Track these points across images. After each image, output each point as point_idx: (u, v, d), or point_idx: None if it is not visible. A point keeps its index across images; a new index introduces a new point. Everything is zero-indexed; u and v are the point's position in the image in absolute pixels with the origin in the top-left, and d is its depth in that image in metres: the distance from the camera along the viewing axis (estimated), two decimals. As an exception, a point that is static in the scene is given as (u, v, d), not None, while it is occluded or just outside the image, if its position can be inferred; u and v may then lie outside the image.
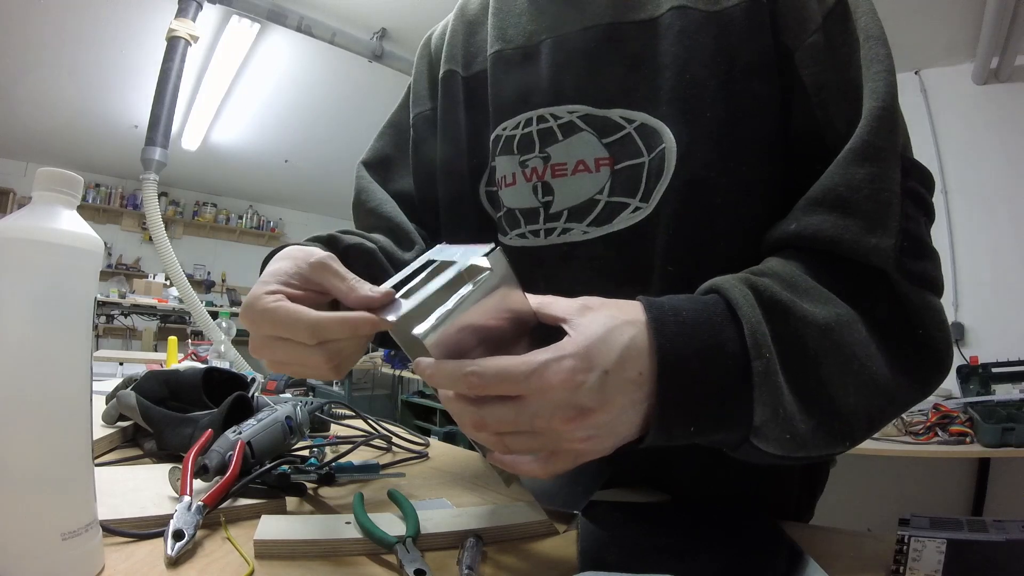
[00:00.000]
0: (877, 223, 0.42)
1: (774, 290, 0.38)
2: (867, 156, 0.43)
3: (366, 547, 0.41)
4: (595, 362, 0.33)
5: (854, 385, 0.39)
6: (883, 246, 0.41)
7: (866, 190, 0.42)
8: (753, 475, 0.57)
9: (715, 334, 0.36)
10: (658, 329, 0.35)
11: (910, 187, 0.44)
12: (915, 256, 0.43)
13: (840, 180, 0.43)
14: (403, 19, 3.12)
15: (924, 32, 2.61)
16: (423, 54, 0.73)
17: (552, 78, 0.56)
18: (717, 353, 0.36)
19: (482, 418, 0.34)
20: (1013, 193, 2.61)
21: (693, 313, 0.37)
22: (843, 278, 0.42)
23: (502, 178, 0.61)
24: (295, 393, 1.35)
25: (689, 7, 0.51)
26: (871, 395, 0.40)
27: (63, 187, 0.33)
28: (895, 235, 0.42)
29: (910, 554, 0.37)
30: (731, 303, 0.38)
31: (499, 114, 0.60)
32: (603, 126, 0.54)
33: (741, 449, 0.38)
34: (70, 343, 0.33)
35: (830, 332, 0.39)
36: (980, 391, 2.22)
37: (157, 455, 0.63)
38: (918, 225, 0.44)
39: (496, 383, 0.32)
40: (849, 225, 0.42)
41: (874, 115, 0.43)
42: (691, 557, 0.42)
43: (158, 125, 2.45)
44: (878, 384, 0.40)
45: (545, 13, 0.58)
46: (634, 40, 0.53)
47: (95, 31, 3.29)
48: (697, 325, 0.36)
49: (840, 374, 0.39)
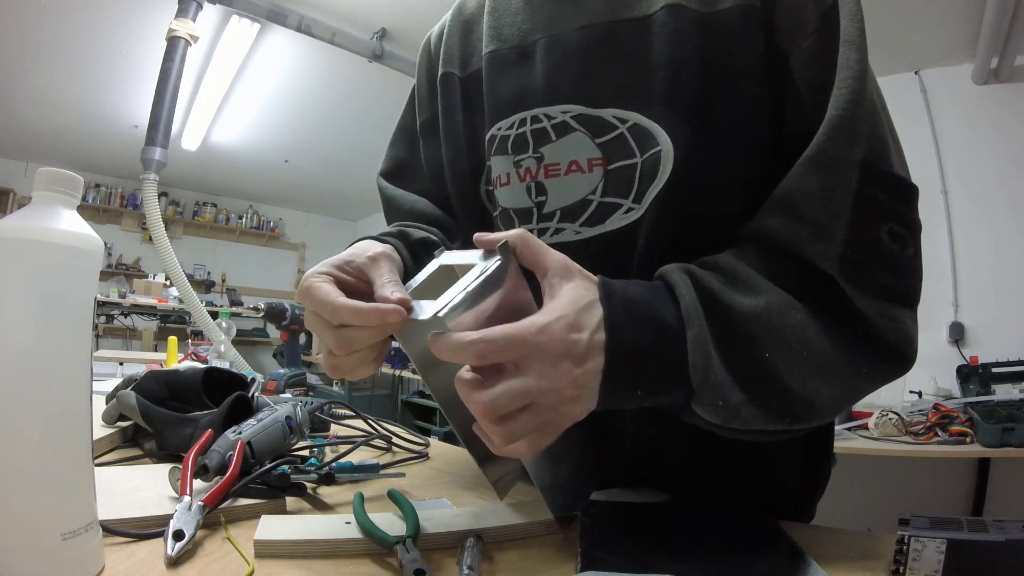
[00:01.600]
0: (824, 231, 0.44)
1: (708, 280, 0.43)
2: (820, 165, 0.45)
3: (366, 547, 0.41)
4: (583, 324, 0.38)
5: (793, 367, 0.42)
6: (828, 253, 0.43)
7: (816, 198, 0.44)
8: (753, 475, 0.57)
9: (655, 309, 0.41)
10: (607, 301, 0.40)
11: (867, 195, 0.44)
12: (864, 265, 0.44)
13: (796, 186, 0.46)
14: (403, 19, 3.12)
15: (924, 32, 2.60)
16: (423, 57, 0.73)
17: (546, 78, 0.56)
18: (656, 324, 0.41)
19: (493, 399, 0.35)
20: (1013, 193, 2.61)
21: (637, 293, 0.42)
22: (794, 277, 0.45)
23: (497, 178, 0.61)
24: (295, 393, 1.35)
25: (683, 6, 0.51)
26: (811, 378, 0.42)
27: (63, 187, 0.33)
28: (840, 243, 0.43)
29: (910, 554, 0.37)
30: (671, 286, 0.43)
31: (494, 114, 0.60)
32: (596, 126, 0.54)
33: (684, 413, 0.43)
34: (70, 343, 0.33)
35: (758, 318, 0.42)
36: (980, 391, 2.22)
37: (157, 455, 0.63)
38: (871, 234, 0.44)
39: (502, 345, 0.35)
40: (800, 230, 0.44)
41: (831, 124, 0.45)
42: (691, 557, 0.42)
43: (158, 125, 2.45)
44: (819, 369, 0.43)
45: (540, 12, 0.59)
46: (628, 39, 0.53)
47: (95, 31, 3.29)
48: (640, 301, 0.41)
49: (777, 356, 0.42)
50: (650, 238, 0.52)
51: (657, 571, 0.34)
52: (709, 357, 0.40)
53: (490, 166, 0.62)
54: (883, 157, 0.46)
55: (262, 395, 0.88)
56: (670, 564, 0.38)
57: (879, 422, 1.97)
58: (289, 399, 0.83)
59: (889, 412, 1.97)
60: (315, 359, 5.52)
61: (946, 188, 2.73)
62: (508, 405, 0.35)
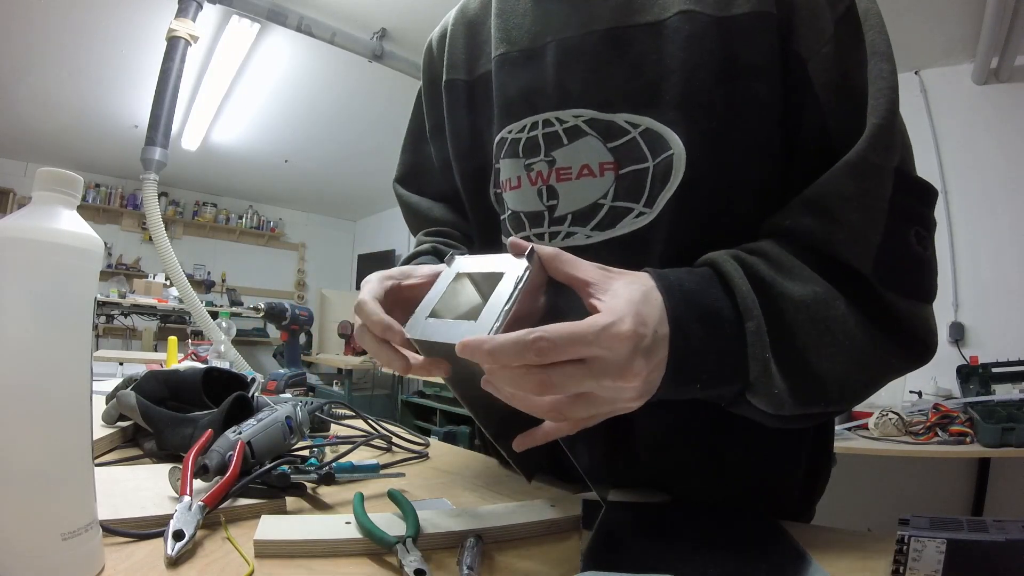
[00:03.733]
0: (860, 235, 0.45)
1: (759, 267, 0.44)
2: (861, 171, 0.45)
3: (366, 547, 0.41)
4: (647, 321, 0.38)
5: (835, 356, 0.44)
6: (864, 255, 0.45)
7: (855, 203, 0.45)
8: (754, 476, 0.57)
9: (713, 301, 0.42)
10: (668, 294, 0.40)
11: (899, 201, 0.46)
12: (896, 268, 0.46)
13: (834, 189, 0.46)
14: (403, 19, 3.12)
15: (924, 32, 2.60)
16: (426, 61, 0.73)
17: (557, 81, 0.56)
18: (716, 317, 0.42)
19: (550, 377, 0.34)
20: (1013, 193, 2.61)
21: (692, 283, 0.43)
22: (830, 274, 0.46)
23: (506, 181, 0.61)
24: (295, 393, 1.35)
25: (697, 12, 0.51)
26: (848, 365, 0.44)
27: (63, 187, 0.33)
28: (875, 247, 0.45)
29: (910, 554, 0.37)
30: (724, 276, 0.44)
31: (504, 117, 0.60)
32: (608, 130, 0.54)
33: (735, 404, 0.45)
34: (70, 343, 0.33)
35: (806, 308, 0.43)
36: (980, 391, 2.22)
37: (157, 455, 0.63)
38: (902, 238, 0.46)
39: (566, 345, 0.34)
40: (836, 232, 0.46)
41: (872, 132, 0.45)
42: (694, 557, 0.42)
43: (158, 125, 2.45)
44: (856, 358, 0.44)
45: (550, 15, 0.58)
46: (640, 43, 0.53)
47: (95, 31, 3.29)
48: (697, 293, 0.42)
49: (814, 344, 0.43)
50: (665, 242, 0.52)
51: (659, 571, 0.34)
52: (767, 348, 0.42)
53: (499, 169, 0.62)
54: (911, 164, 0.48)
55: (262, 395, 0.88)
56: (672, 564, 0.38)
57: (879, 422, 1.97)
58: (289, 399, 0.83)
59: (889, 412, 1.97)
60: (315, 359, 5.52)
61: (946, 188, 2.73)
62: (565, 386, 0.35)
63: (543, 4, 0.59)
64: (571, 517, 0.50)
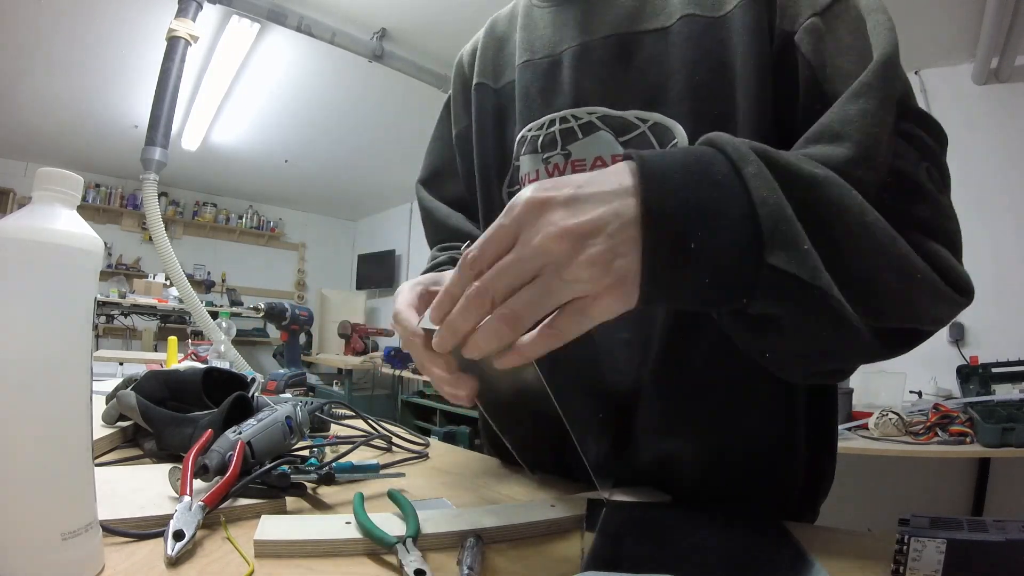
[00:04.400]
0: (863, 156, 0.41)
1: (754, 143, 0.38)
2: (860, 93, 0.43)
3: (366, 547, 0.41)
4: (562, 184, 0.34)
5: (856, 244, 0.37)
6: (868, 179, 0.40)
7: (856, 123, 0.42)
8: (757, 475, 0.58)
9: (699, 156, 0.37)
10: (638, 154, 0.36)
11: (905, 128, 0.44)
12: (903, 196, 0.42)
13: (835, 117, 0.43)
14: (403, 19, 3.12)
15: (924, 32, 2.60)
16: (457, 73, 0.79)
17: (574, 82, 0.61)
18: (704, 167, 0.35)
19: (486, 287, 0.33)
20: (1013, 193, 2.61)
21: (676, 150, 0.40)
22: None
23: (525, 175, 0.65)
24: (295, 393, 1.35)
25: (697, 15, 0.55)
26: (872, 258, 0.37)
27: (63, 187, 0.33)
28: (881, 171, 0.41)
29: (910, 554, 0.37)
30: (711, 141, 0.38)
31: (525, 117, 0.65)
32: (620, 125, 0.58)
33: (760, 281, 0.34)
34: (70, 343, 0.33)
35: (818, 185, 0.37)
36: (980, 391, 2.22)
37: (157, 455, 0.63)
38: (910, 165, 0.43)
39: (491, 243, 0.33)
40: (838, 154, 0.41)
41: (876, 62, 0.44)
42: (696, 557, 0.42)
43: (158, 125, 2.45)
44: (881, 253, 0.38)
45: (568, 26, 0.63)
46: (648, 48, 0.58)
47: (95, 31, 3.29)
48: (678, 153, 0.37)
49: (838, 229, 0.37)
50: None
51: (662, 571, 0.34)
52: (777, 192, 0.35)
53: (518, 166, 0.66)
54: (913, 98, 0.46)
55: (262, 395, 0.88)
56: (674, 564, 0.38)
57: (879, 422, 1.97)
58: (289, 399, 0.83)
59: (889, 412, 1.97)
60: (315, 359, 5.52)
61: (946, 188, 2.73)
62: (503, 284, 0.33)
63: (562, 16, 0.64)
64: (571, 517, 0.50)
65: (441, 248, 0.77)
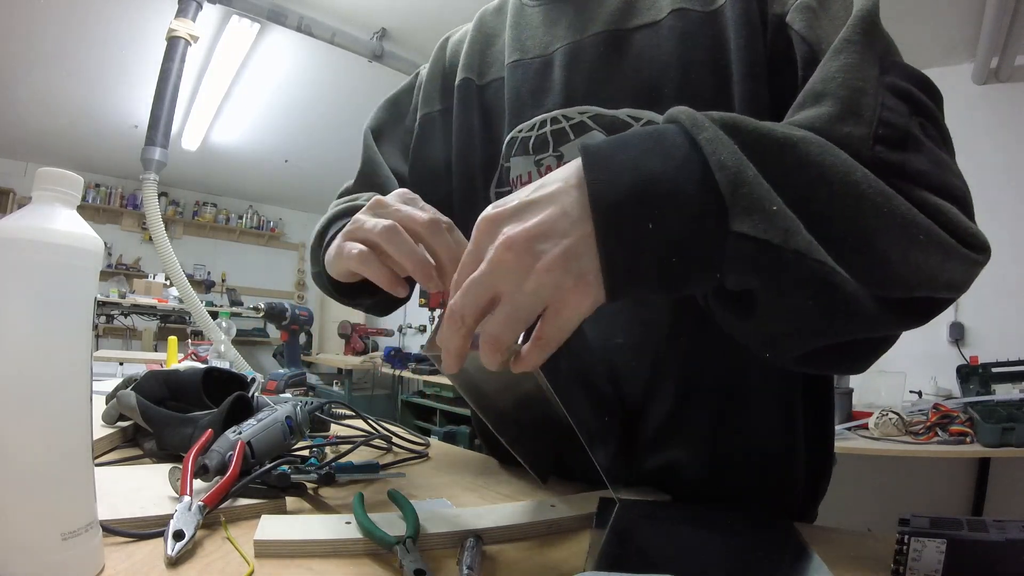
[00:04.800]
0: (848, 110, 0.38)
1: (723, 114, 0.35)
2: (840, 50, 0.42)
3: (366, 547, 0.41)
4: (514, 196, 0.34)
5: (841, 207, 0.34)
6: (856, 134, 0.37)
7: (839, 78, 0.40)
8: (756, 477, 0.58)
9: (651, 132, 0.35)
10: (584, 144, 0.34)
11: (890, 82, 0.41)
12: (898, 146, 0.38)
13: (817, 78, 0.42)
14: (403, 19, 3.12)
15: (924, 32, 2.61)
16: (438, 56, 0.76)
17: (564, 82, 0.60)
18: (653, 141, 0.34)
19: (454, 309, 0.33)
20: (1013, 193, 2.61)
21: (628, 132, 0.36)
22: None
23: (517, 177, 0.64)
24: (295, 393, 1.35)
25: (688, 8, 0.54)
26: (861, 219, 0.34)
27: (63, 187, 0.33)
28: (870, 124, 0.38)
29: (910, 554, 0.37)
30: (670, 117, 0.36)
31: (515, 117, 0.64)
32: (611, 124, 0.57)
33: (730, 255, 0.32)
34: (70, 343, 0.33)
35: (793, 147, 0.34)
36: (980, 391, 2.22)
37: (157, 455, 0.63)
38: (902, 118, 0.39)
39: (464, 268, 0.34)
40: (821, 113, 0.39)
41: (853, 18, 0.43)
42: (698, 557, 0.42)
43: (158, 125, 2.45)
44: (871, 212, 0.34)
45: (558, 24, 0.63)
46: (639, 44, 0.57)
47: (95, 31, 3.29)
48: (628, 134, 0.35)
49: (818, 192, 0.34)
50: None
51: (665, 571, 0.34)
52: (737, 154, 0.32)
53: (508, 167, 0.65)
54: (897, 55, 0.44)
55: (262, 395, 0.88)
56: (676, 563, 0.38)
57: (879, 422, 1.97)
58: (289, 399, 0.83)
59: (889, 412, 1.97)
60: (315, 359, 5.52)
61: (946, 188, 2.73)
62: (469, 302, 0.32)
63: (552, 15, 0.63)
64: (571, 517, 0.50)
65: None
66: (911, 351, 2.55)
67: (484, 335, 0.33)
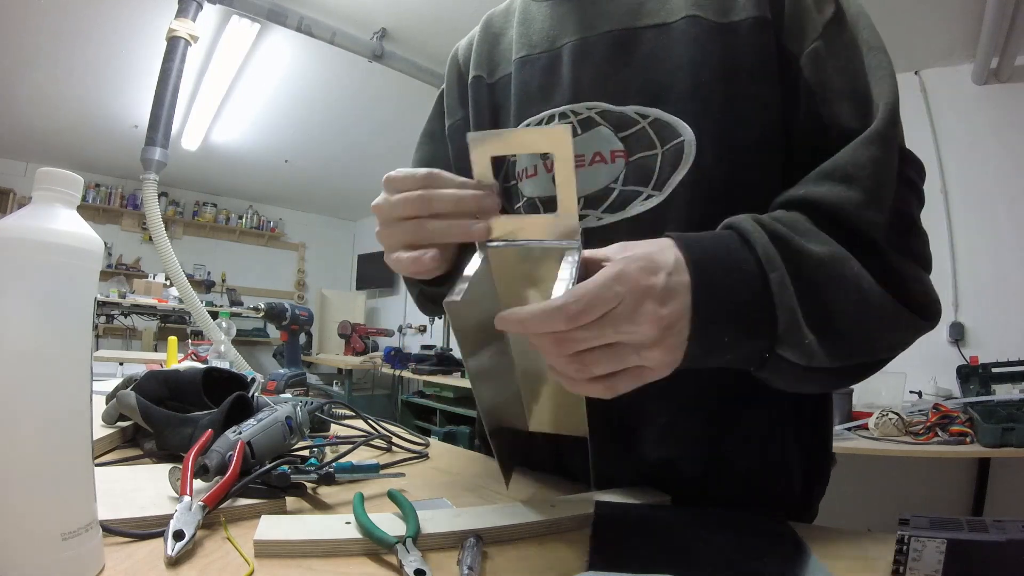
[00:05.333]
0: (874, 199, 0.47)
1: (776, 226, 0.45)
2: (874, 142, 0.48)
3: (366, 547, 0.41)
4: (659, 266, 0.40)
5: (853, 313, 0.45)
6: (877, 220, 0.47)
7: (869, 169, 0.47)
8: (756, 476, 0.58)
9: (733, 254, 0.43)
10: (686, 248, 0.42)
11: (905, 174, 0.50)
12: (904, 232, 0.49)
13: (849, 159, 0.48)
14: (403, 19, 3.12)
15: (924, 32, 2.60)
16: (452, 67, 0.78)
17: (573, 77, 0.61)
18: (737, 270, 0.43)
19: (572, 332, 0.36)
20: (1013, 193, 2.61)
21: (712, 241, 0.44)
22: (842, 239, 0.47)
23: (523, 171, 0.65)
24: (295, 393, 1.35)
25: (701, 17, 0.55)
26: (866, 322, 0.46)
27: (63, 187, 0.33)
28: (888, 212, 0.48)
29: (910, 554, 0.37)
30: (742, 233, 0.45)
31: (522, 111, 0.65)
32: (619, 121, 0.58)
33: (768, 363, 0.44)
34: (70, 343, 0.33)
35: (823, 265, 0.45)
36: (980, 391, 2.22)
37: (157, 455, 0.63)
38: (909, 206, 0.50)
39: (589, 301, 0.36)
40: (852, 197, 0.47)
41: (886, 110, 0.49)
42: (698, 557, 0.42)
43: (158, 125, 2.45)
44: (871, 312, 0.46)
45: (566, 21, 0.63)
46: (649, 43, 0.58)
47: (95, 31, 3.29)
48: (718, 249, 0.44)
49: (834, 299, 0.44)
50: (675, 222, 0.55)
51: (663, 571, 0.34)
52: (793, 299, 0.43)
53: (515, 160, 0.66)
54: (904, 141, 0.52)
55: (262, 395, 0.88)
56: (675, 564, 0.38)
57: (879, 422, 1.97)
58: (289, 399, 0.83)
59: (889, 412, 1.97)
60: (315, 359, 5.52)
61: (946, 188, 2.73)
62: (587, 340, 0.36)
63: (560, 11, 0.64)
64: (571, 517, 0.50)
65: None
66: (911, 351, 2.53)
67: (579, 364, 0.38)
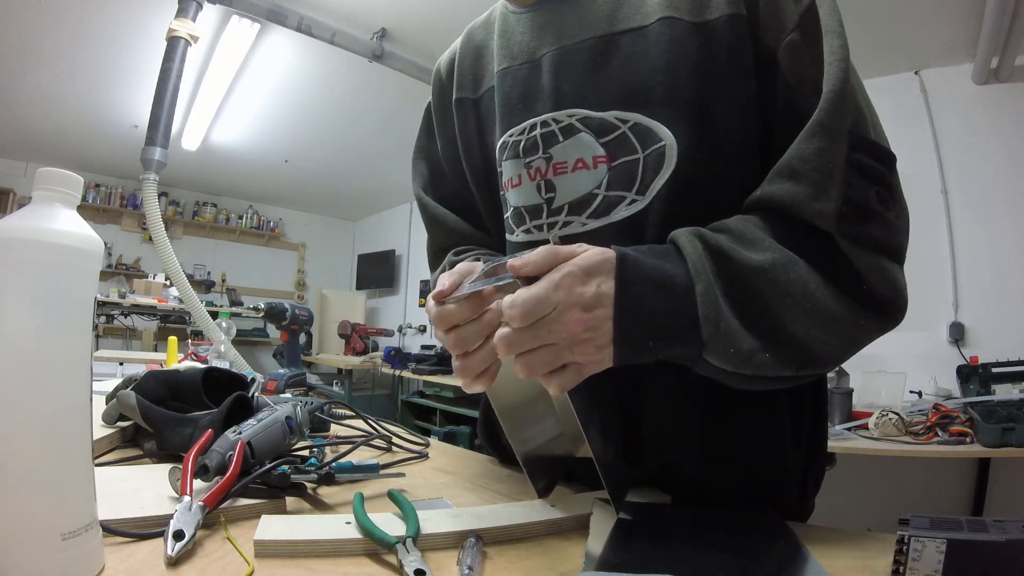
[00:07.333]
0: (820, 190, 0.48)
1: (718, 239, 0.47)
2: (815, 133, 0.49)
3: (366, 547, 0.41)
4: (592, 276, 0.43)
5: (798, 318, 0.46)
6: (826, 210, 0.47)
7: (814, 162, 0.48)
8: (754, 474, 0.58)
9: (663, 268, 0.46)
10: (621, 261, 0.44)
11: (855, 159, 0.49)
12: (858, 220, 0.48)
13: (795, 154, 0.50)
14: (403, 19, 3.11)
15: (924, 32, 2.60)
16: (435, 83, 0.78)
17: (553, 86, 0.61)
18: (669, 281, 0.45)
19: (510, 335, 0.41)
20: (1013, 193, 2.61)
21: (649, 254, 0.46)
22: (796, 237, 0.48)
23: (508, 180, 0.65)
24: (295, 393, 1.35)
25: (676, 18, 0.55)
26: (813, 328, 0.47)
27: (63, 187, 0.33)
28: (835, 201, 0.48)
29: (910, 554, 0.37)
30: (679, 248, 0.47)
31: (505, 122, 0.65)
32: (600, 127, 0.58)
33: (699, 365, 0.47)
34: (70, 343, 0.33)
35: (765, 272, 0.46)
36: (980, 391, 2.22)
37: (157, 455, 0.63)
38: (862, 192, 0.49)
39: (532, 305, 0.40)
40: (799, 192, 0.48)
41: (826, 99, 0.49)
42: (698, 556, 0.42)
43: (158, 125, 2.44)
44: (821, 320, 0.47)
45: (545, 31, 0.63)
46: (626, 48, 0.58)
47: (95, 31, 3.28)
48: (650, 262, 0.46)
49: (780, 306, 0.46)
50: (658, 226, 0.55)
51: (663, 571, 0.34)
52: (719, 308, 0.45)
53: (500, 171, 0.66)
54: (866, 128, 0.51)
55: (262, 395, 0.88)
56: (674, 564, 0.38)
57: (879, 422, 1.97)
58: (289, 399, 0.83)
59: (889, 412, 1.97)
60: (315, 359, 5.52)
61: (946, 188, 2.73)
62: (523, 343, 0.41)
63: (539, 21, 0.64)
64: (571, 517, 0.50)
65: (456, 253, 0.75)
66: (911, 351, 2.55)
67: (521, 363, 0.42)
